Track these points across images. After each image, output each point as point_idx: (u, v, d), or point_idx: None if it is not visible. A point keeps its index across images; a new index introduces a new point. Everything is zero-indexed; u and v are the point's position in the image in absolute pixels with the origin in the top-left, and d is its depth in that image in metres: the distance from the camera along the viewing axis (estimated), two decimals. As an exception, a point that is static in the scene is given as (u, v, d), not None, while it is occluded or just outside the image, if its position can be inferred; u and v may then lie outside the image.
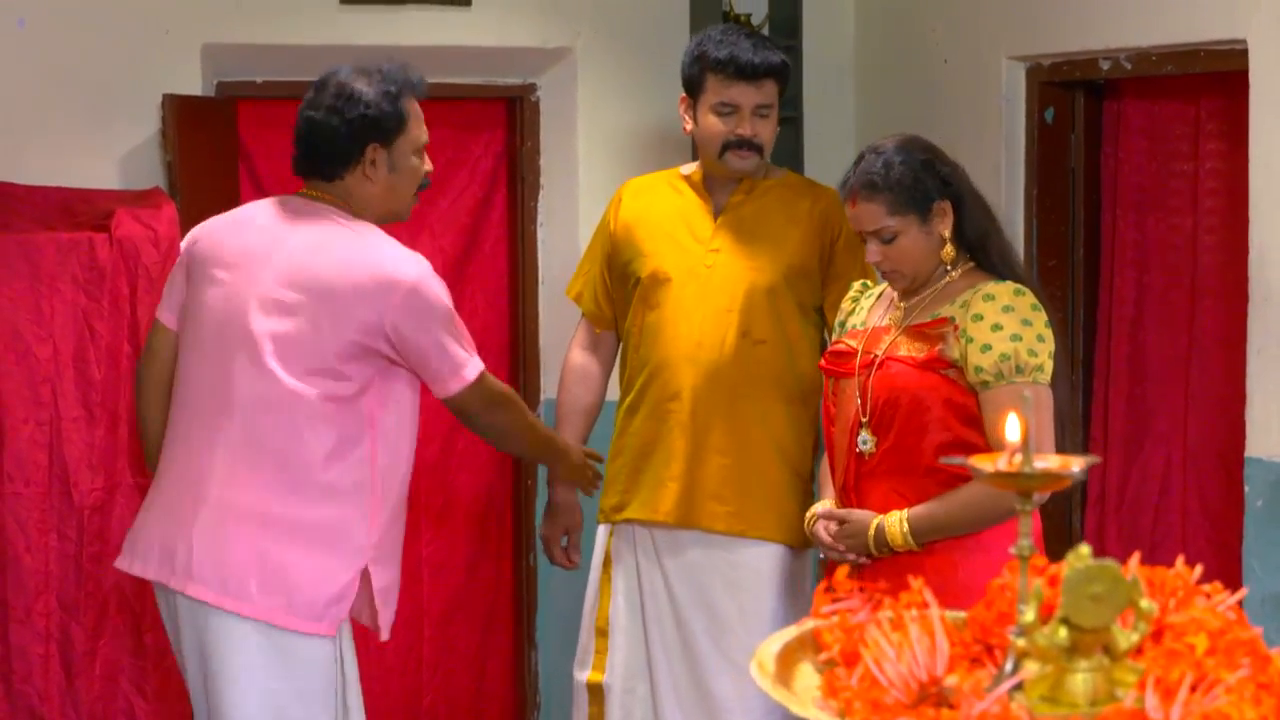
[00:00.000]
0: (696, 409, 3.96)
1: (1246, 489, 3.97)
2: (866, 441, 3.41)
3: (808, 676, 1.90)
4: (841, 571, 2.04)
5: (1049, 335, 3.34)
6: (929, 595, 1.93)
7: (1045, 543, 3.42)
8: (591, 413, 4.21)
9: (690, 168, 4.13)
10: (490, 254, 5.28)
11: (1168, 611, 1.80)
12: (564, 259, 5.15)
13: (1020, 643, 1.77)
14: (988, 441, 3.32)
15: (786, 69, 4.01)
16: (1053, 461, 1.81)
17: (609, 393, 4.26)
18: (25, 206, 4.38)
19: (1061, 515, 4.60)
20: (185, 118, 4.55)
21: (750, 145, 3.97)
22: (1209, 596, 1.84)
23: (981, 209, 3.48)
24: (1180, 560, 1.87)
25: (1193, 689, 1.68)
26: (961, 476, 3.32)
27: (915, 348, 3.39)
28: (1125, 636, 1.73)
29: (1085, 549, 1.71)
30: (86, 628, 4.33)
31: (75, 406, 4.30)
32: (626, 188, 4.18)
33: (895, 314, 3.47)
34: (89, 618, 4.33)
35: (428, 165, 3.64)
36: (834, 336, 3.64)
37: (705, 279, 3.99)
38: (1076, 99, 4.65)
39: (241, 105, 4.81)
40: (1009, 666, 1.78)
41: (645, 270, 4.04)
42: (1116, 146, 4.62)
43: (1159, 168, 4.50)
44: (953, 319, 3.35)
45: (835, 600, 1.97)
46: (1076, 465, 1.80)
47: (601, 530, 4.12)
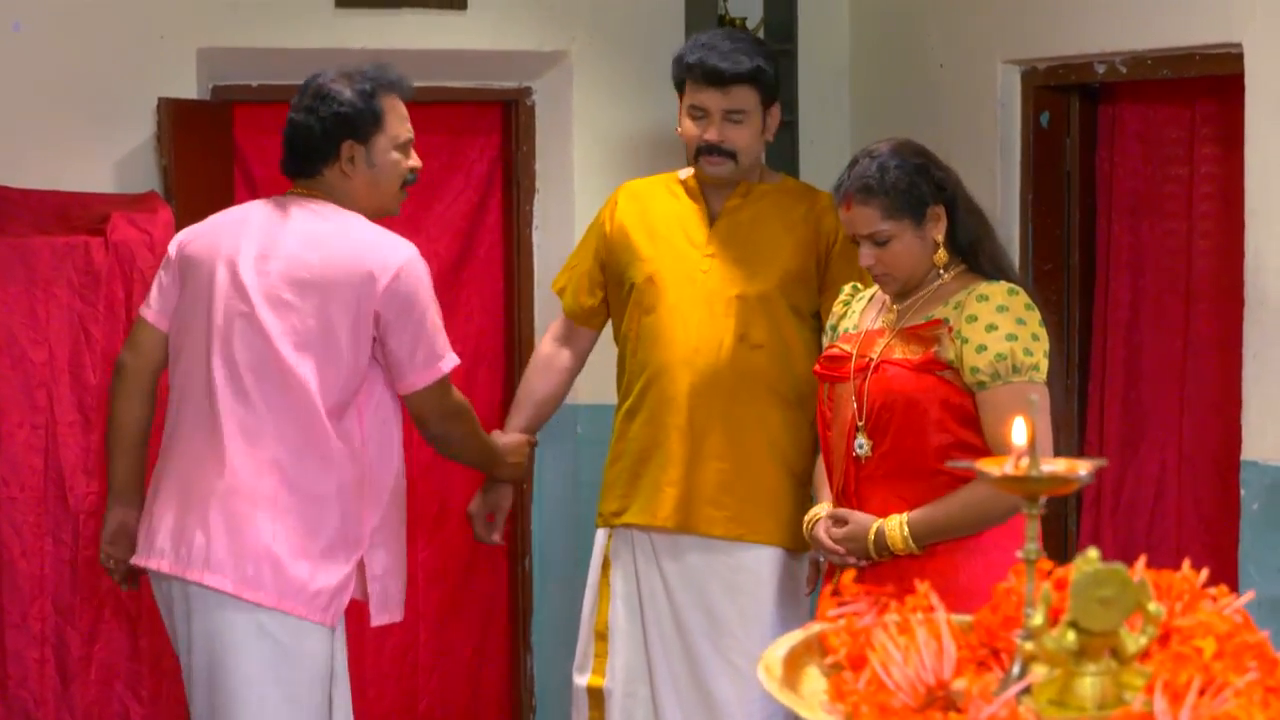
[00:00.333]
0: (694, 414, 3.96)
1: (1242, 492, 3.96)
2: (863, 445, 3.40)
3: (814, 680, 1.90)
4: (848, 575, 2.04)
5: (1043, 334, 3.34)
6: (935, 599, 1.94)
7: (1042, 546, 3.41)
8: (547, 404, 4.18)
9: (687, 172, 4.13)
10: (485, 258, 5.27)
11: (1174, 615, 1.81)
12: (559, 263, 5.12)
13: (1028, 646, 1.77)
14: (986, 442, 3.32)
15: (761, 75, 3.92)
16: (1060, 465, 1.81)
17: (606, 395, 4.26)
18: (21, 210, 4.37)
19: (1058, 519, 4.60)
20: (181, 122, 4.55)
21: (719, 151, 3.94)
22: (1215, 600, 1.84)
23: (975, 214, 3.48)
24: (1186, 564, 1.87)
25: (1201, 692, 1.68)
26: (960, 478, 3.32)
27: (910, 350, 3.38)
28: (1133, 640, 1.73)
29: (1094, 553, 1.72)
30: (82, 632, 4.32)
31: (70, 411, 4.29)
32: (623, 190, 4.17)
33: (888, 317, 3.47)
34: (84, 622, 4.33)
35: (413, 161, 3.68)
36: (827, 341, 3.63)
37: (700, 284, 3.98)
38: (1072, 103, 4.65)
39: (237, 109, 4.81)
40: (1016, 670, 1.79)
41: (641, 275, 4.03)
42: (1112, 150, 4.62)
43: (1154, 171, 4.50)
44: (947, 320, 3.35)
45: (842, 604, 1.97)
46: (1084, 468, 1.80)
47: (600, 534, 4.11)
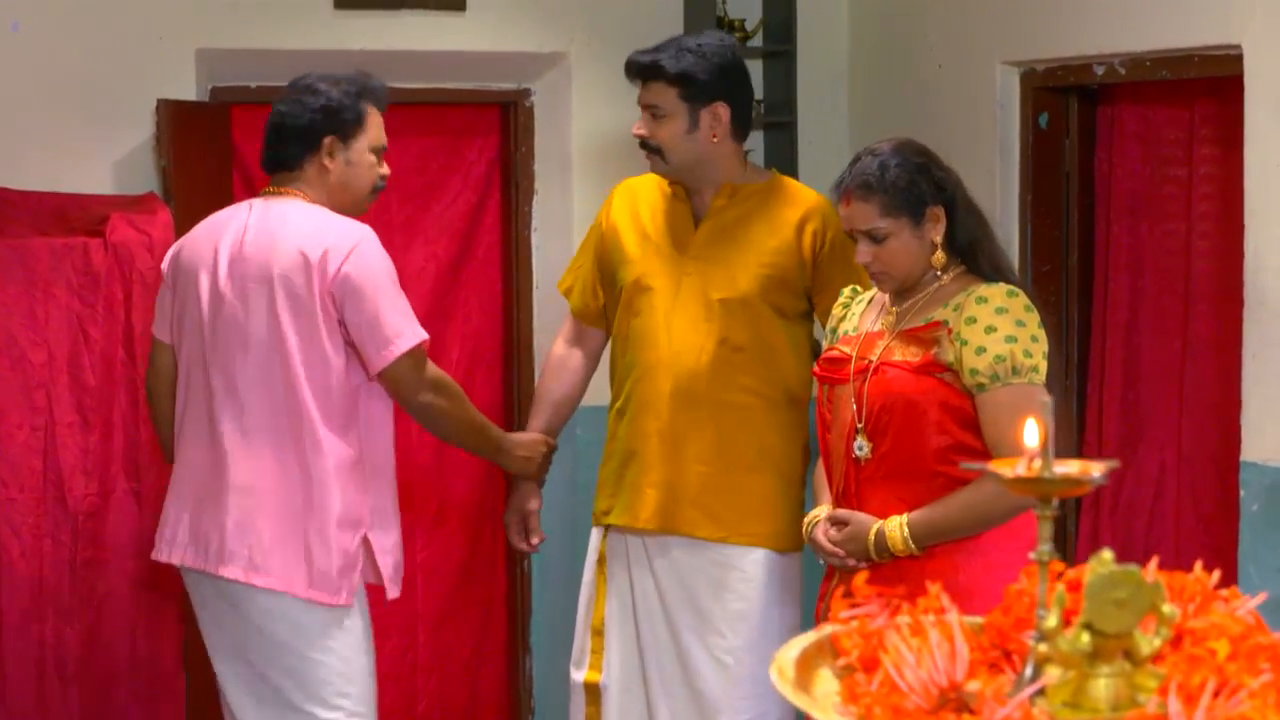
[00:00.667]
0: (675, 417, 3.94)
1: (1242, 493, 3.96)
2: (863, 447, 3.40)
3: (827, 682, 1.90)
4: (860, 577, 2.04)
5: (1043, 336, 3.34)
6: (946, 600, 1.94)
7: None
8: (564, 405, 4.19)
9: None
10: (484, 259, 5.27)
11: (1187, 617, 1.81)
12: (558, 264, 5.13)
13: (1041, 648, 1.77)
14: (985, 444, 3.32)
15: (676, 75, 3.89)
16: (1073, 466, 1.81)
17: (605, 397, 4.25)
18: (20, 211, 4.37)
19: (1057, 520, 4.59)
20: (179, 123, 4.55)
21: (646, 146, 3.96)
22: (1227, 601, 1.84)
23: (975, 217, 3.47)
24: (1199, 565, 1.87)
25: (1215, 694, 1.68)
26: (960, 479, 3.33)
27: (910, 352, 3.38)
28: (1147, 641, 1.73)
29: (1108, 554, 1.72)
30: (80, 633, 4.32)
31: (69, 412, 4.29)
32: (619, 189, 4.17)
33: (888, 319, 3.47)
34: (83, 623, 4.33)
35: (384, 169, 3.80)
36: (826, 343, 3.63)
37: (685, 287, 3.96)
38: (1071, 104, 4.65)
39: (235, 110, 4.80)
40: (1030, 672, 1.78)
41: (629, 277, 4.02)
42: (1111, 152, 4.62)
43: (1153, 173, 4.50)
44: (946, 322, 3.35)
45: (853, 606, 1.97)
46: (1097, 470, 1.80)
47: (595, 531, 4.11)
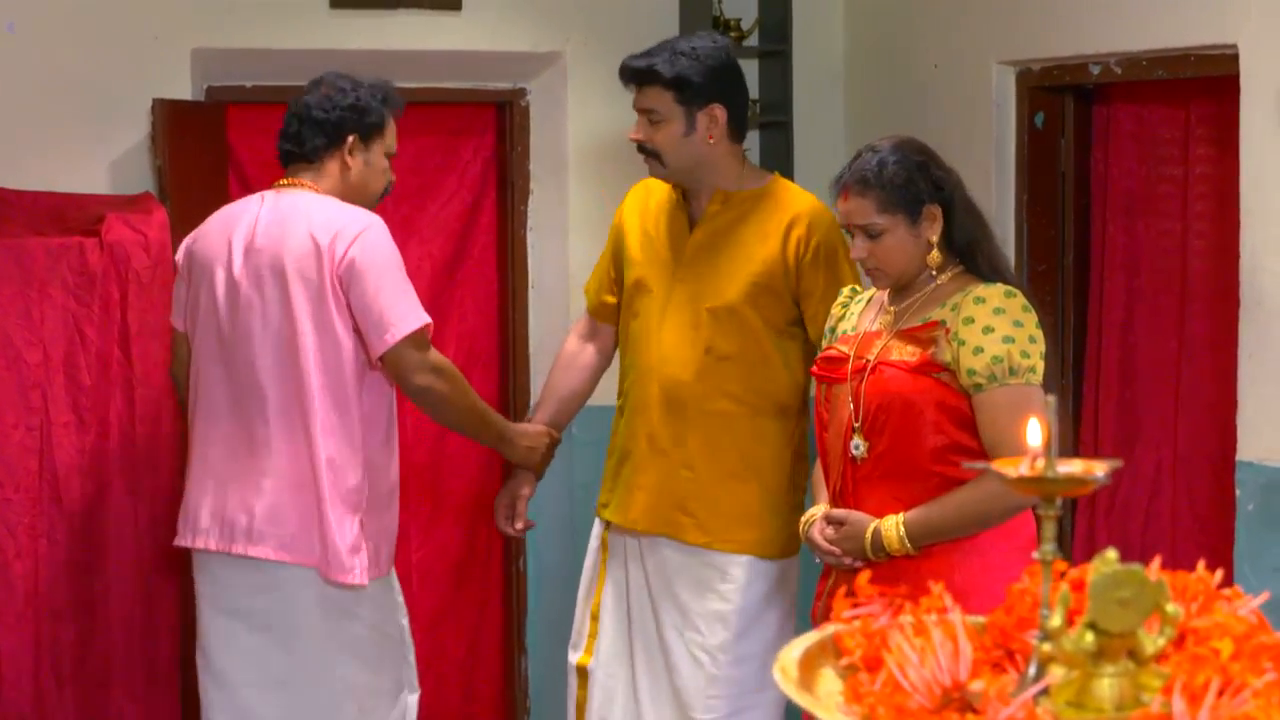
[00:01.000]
0: (663, 422, 3.95)
1: (1238, 493, 3.97)
2: (859, 446, 3.41)
3: (830, 681, 1.90)
4: (863, 577, 2.04)
5: (1040, 336, 3.35)
6: (949, 600, 1.94)
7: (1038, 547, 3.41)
8: (571, 400, 4.21)
9: None
10: (480, 259, 5.27)
11: (1190, 616, 1.81)
12: (553, 264, 5.14)
13: (1045, 648, 1.77)
14: (982, 444, 3.32)
15: (671, 78, 3.88)
16: (1077, 466, 1.81)
17: (600, 397, 4.26)
18: (15, 211, 4.37)
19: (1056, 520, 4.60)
20: (175, 123, 4.54)
21: (644, 150, 3.96)
22: (1230, 601, 1.84)
23: (974, 217, 3.47)
24: (1201, 565, 1.87)
25: (1219, 693, 1.69)
26: (956, 479, 3.33)
27: (907, 352, 3.38)
28: (1151, 641, 1.73)
29: (1112, 553, 1.71)
30: (76, 634, 4.32)
31: (65, 412, 4.29)
32: (636, 187, 4.16)
33: (886, 318, 3.47)
34: (79, 624, 4.32)
35: (392, 175, 3.92)
36: (824, 343, 3.63)
37: (676, 293, 3.97)
38: (1066, 104, 4.66)
39: (231, 110, 4.80)
40: (1033, 671, 1.78)
41: (631, 278, 4.04)
42: (1106, 151, 4.63)
43: (1149, 172, 4.51)
44: (943, 322, 3.35)
45: (856, 605, 1.97)
46: (1100, 469, 1.80)
47: (598, 521, 4.14)
